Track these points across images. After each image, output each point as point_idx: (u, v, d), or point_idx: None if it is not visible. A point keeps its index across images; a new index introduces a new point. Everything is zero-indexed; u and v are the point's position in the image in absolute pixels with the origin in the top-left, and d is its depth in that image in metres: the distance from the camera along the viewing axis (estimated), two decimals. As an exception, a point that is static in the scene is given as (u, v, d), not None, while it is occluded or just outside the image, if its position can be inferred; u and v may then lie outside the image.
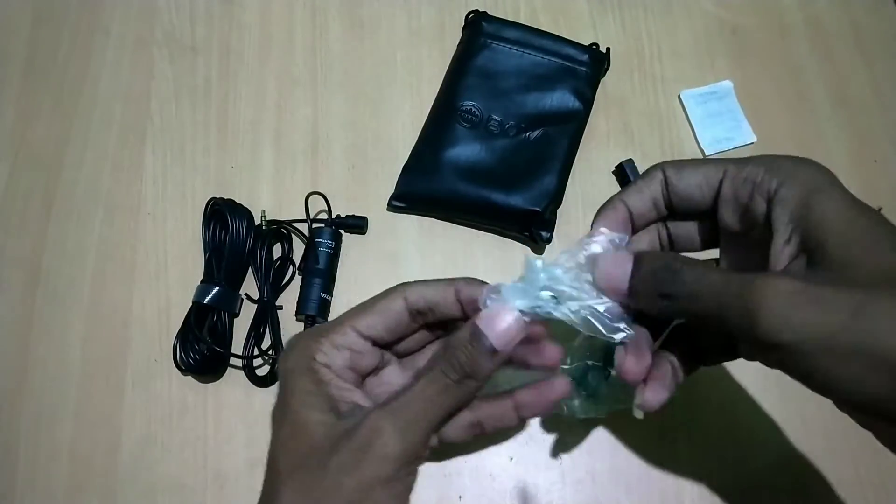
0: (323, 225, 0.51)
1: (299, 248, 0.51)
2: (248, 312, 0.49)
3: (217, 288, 0.48)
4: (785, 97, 0.59)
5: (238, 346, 0.48)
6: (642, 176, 0.34)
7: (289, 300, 0.50)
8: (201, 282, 0.49)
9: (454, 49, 0.58)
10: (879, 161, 0.57)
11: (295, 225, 0.51)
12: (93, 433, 0.47)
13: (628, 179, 0.54)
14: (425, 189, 0.53)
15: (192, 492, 0.46)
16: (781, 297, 0.25)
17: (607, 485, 0.46)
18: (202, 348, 0.46)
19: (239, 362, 0.48)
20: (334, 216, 0.52)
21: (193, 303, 0.48)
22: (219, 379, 0.48)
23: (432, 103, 0.56)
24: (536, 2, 0.61)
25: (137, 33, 0.59)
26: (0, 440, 0.46)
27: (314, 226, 0.51)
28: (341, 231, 0.52)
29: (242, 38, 0.59)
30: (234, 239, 0.49)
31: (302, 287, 0.50)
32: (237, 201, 0.52)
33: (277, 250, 0.52)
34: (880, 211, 0.28)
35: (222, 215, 0.49)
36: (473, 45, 0.56)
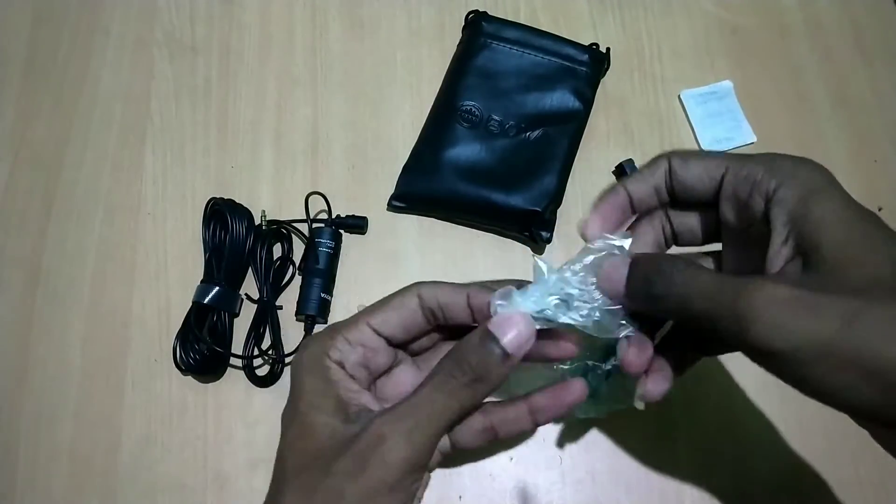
0: (323, 225, 0.51)
1: (299, 248, 0.51)
2: (248, 312, 0.49)
3: (217, 288, 0.48)
4: (785, 97, 0.59)
5: (238, 346, 0.48)
6: (648, 164, 0.34)
7: (289, 300, 0.50)
8: (201, 282, 0.49)
9: (454, 49, 0.58)
10: (879, 161, 0.57)
11: (295, 225, 0.51)
12: (93, 433, 0.47)
13: (628, 179, 0.54)
14: (425, 189, 0.53)
15: (192, 492, 0.46)
16: (775, 304, 0.25)
17: (607, 485, 0.46)
18: (202, 348, 0.46)
19: (239, 362, 0.48)
20: (334, 216, 0.52)
21: (193, 303, 0.48)
22: (219, 379, 0.48)
23: (432, 103, 0.56)
24: (536, 2, 0.61)
25: (137, 33, 0.59)
26: (0, 440, 0.46)
27: (314, 226, 0.51)
28: (341, 231, 0.52)
29: (242, 38, 0.59)
30: (234, 239, 0.49)
31: (302, 287, 0.50)
32: (237, 201, 0.52)
33: (277, 250, 0.52)
34: (880, 211, 0.28)
35: (222, 215, 0.49)
36: (473, 45, 0.56)
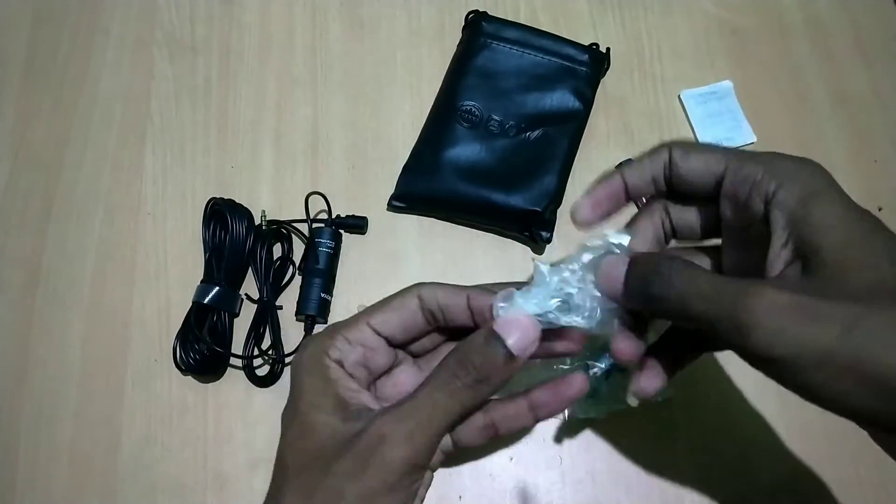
0: (323, 225, 0.51)
1: (299, 248, 0.51)
2: (248, 312, 0.49)
3: (217, 288, 0.48)
4: (785, 97, 0.59)
5: (238, 346, 0.48)
6: (649, 152, 0.33)
7: (289, 300, 0.50)
8: (201, 282, 0.49)
9: (454, 49, 0.58)
10: (879, 161, 0.57)
11: (295, 225, 0.51)
12: (93, 433, 0.47)
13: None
14: (425, 189, 0.53)
15: (192, 492, 0.46)
16: (775, 310, 0.25)
17: (607, 485, 0.46)
18: (202, 348, 0.46)
19: (239, 362, 0.48)
20: (334, 216, 0.52)
21: (193, 303, 0.48)
22: (219, 379, 0.48)
23: (432, 103, 0.56)
24: (536, 2, 0.61)
25: (137, 33, 0.59)
26: (0, 440, 0.46)
27: (314, 226, 0.51)
28: (341, 231, 0.52)
29: (242, 38, 0.59)
30: (234, 239, 0.49)
31: (302, 287, 0.50)
32: (237, 201, 0.52)
33: (277, 250, 0.52)
34: (880, 211, 0.28)
35: (222, 215, 0.49)
36: (473, 45, 0.56)
